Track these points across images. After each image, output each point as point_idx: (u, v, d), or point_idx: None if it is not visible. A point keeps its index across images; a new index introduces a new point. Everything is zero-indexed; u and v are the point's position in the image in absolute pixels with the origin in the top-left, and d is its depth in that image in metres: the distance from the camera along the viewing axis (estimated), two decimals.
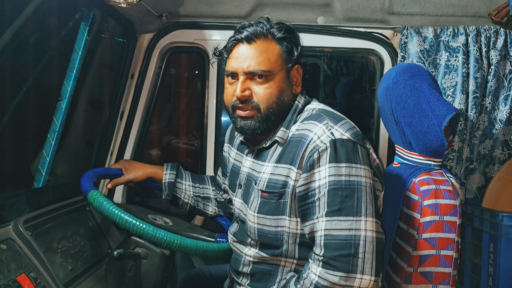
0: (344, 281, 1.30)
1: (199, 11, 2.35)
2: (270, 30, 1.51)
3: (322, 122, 1.42)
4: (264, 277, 1.54)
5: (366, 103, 3.09)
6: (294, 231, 1.46)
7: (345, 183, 1.34)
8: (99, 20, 2.11)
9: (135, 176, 1.99)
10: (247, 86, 1.50)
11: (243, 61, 1.49)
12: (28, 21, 1.74)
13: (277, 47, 1.51)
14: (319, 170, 1.37)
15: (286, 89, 1.53)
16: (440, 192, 1.63)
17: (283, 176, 1.45)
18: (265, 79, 1.49)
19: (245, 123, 1.52)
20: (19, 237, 1.51)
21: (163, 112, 3.27)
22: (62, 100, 2.00)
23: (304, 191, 1.39)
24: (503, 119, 2.28)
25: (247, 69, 1.48)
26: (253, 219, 1.52)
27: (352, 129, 1.43)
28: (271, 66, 1.48)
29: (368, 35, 2.38)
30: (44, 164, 1.98)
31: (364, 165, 1.38)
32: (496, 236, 1.91)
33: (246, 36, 1.49)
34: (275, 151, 1.52)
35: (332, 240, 1.32)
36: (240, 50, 1.51)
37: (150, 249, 1.62)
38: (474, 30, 2.23)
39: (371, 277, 1.31)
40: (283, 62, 1.52)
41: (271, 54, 1.49)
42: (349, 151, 1.36)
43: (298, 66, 1.58)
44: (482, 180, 2.34)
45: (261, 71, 1.47)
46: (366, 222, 1.34)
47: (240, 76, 1.50)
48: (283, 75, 1.52)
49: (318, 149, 1.37)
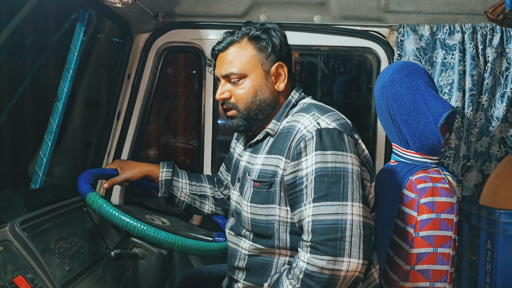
0: (332, 265, 1.31)
1: (195, 10, 2.34)
2: (245, 32, 1.61)
3: (309, 113, 1.49)
4: (259, 271, 1.57)
5: (363, 101, 3.09)
6: (285, 220, 1.50)
7: (331, 169, 1.37)
8: (95, 20, 2.10)
9: (132, 174, 1.99)
10: (227, 89, 1.63)
11: (219, 66, 1.64)
12: (24, 22, 1.73)
13: (250, 48, 1.60)
14: (306, 159, 1.41)
15: (264, 88, 1.60)
16: (437, 190, 1.63)
17: (273, 166, 1.50)
18: (240, 81, 1.60)
19: (231, 122, 1.66)
20: (16, 238, 1.51)
21: (160, 112, 3.27)
22: (58, 100, 1.99)
23: (292, 179, 1.43)
24: (499, 116, 2.28)
25: (223, 73, 1.62)
26: (246, 209, 1.57)
27: (339, 120, 1.47)
28: (243, 68, 1.59)
29: (365, 33, 2.37)
30: (41, 165, 1.97)
31: (350, 153, 1.41)
32: (493, 233, 1.91)
33: (222, 47, 1.63)
34: (267, 143, 1.59)
35: (319, 225, 1.35)
36: (219, 58, 1.65)
37: (147, 249, 1.62)
38: (470, 27, 2.24)
39: (359, 260, 1.33)
40: (258, 62, 1.60)
41: (243, 57, 1.60)
42: (335, 140, 1.41)
43: (281, 63, 1.61)
44: (479, 178, 2.34)
45: (232, 74, 1.59)
46: (352, 206, 1.36)
47: (221, 80, 1.64)
48: (259, 74, 1.60)
49: (304, 138, 1.42)
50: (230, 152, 2.00)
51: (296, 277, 1.37)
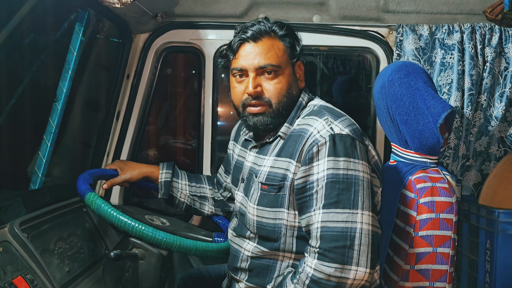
0: (339, 273, 1.31)
1: (194, 10, 2.34)
2: (272, 28, 1.56)
3: (322, 118, 1.46)
4: (262, 272, 1.55)
5: (362, 101, 3.09)
6: (292, 224, 1.48)
7: (343, 176, 1.36)
8: (94, 20, 2.10)
9: (131, 175, 1.99)
10: (258, 83, 1.53)
11: (252, 58, 1.52)
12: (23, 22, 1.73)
13: (280, 43, 1.57)
14: (318, 164, 1.39)
15: (294, 84, 1.59)
16: (436, 189, 1.64)
17: (282, 169, 1.48)
18: (274, 75, 1.53)
19: (257, 119, 1.55)
20: (15, 239, 1.51)
21: (160, 112, 3.27)
22: (57, 101, 1.99)
23: (302, 184, 1.42)
24: (498, 116, 2.28)
25: (257, 65, 1.52)
26: (252, 211, 1.54)
27: (352, 125, 1.46)
28: (279, 61, 1.53)
29: (364, 33, 2.38)
30: (40, 166, 1.97)
31: (362, 160, 1.41)
32: (492, 232, 1.91)
33: (252, 35, 1.54)
34: (277, 145, 1.56)
35: (328, 232, 1.34)
36: (247, 49, 1.54)
37: (147, 250, 1.62)
38: (469, 27, 2.24)
39: (366, 269, 1.33)
40: (288, 58, 1.58)
41: (277, 50, 1.54)
42: (348, 146, 1.39)
43: (300, 62, 1.64)
44: (478, 177, 2.34)
45: (271, 66, 1.52)
46: (362, 215, 1.35)
47: (251, 73, 1.53)
48: (290, 70, 1.58)
49: (317, 143, 1.40)
50: (228, 153, 1.99)
51: (301, 282, 1.37)
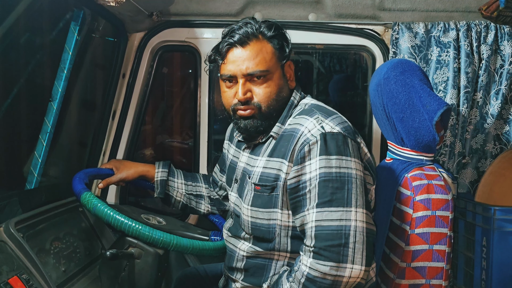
0: (334, 271, 1.31)
1: (190, 9, 2.33)
2: (259, 29, 1.53)
3: (313, 116, 1.45)
4: (258, 272, 1.56)
5: (358, 99, 3.09)
6: (286, 224, 1.48)
7: (336, 175, 1.36)
8: (89, 19, 2.09)
9: (127, 174, 1.98)
10: (248, 88, 1.52)
11: (241, 64, 1.50)
12: (18, 22, 1.72)
13: (269, 45, 1.54)
14: (310, 163, 1.39)
15: (284, 86, 1.57)
16: (432, 187, 1.64)
17: (275, 170, 1.47)
18: (263, 79, 1.51)
19: (247, 122, 1.54)
20: (11, 239, 1.50)
21: (156, 111, 3.26)
22: (53, 100, 1.98)
23: (295, 183, 1.42)
24: (494, 114, 2.28)
25: (246, 71, 1.50)
26: (246, 212, 1.54)
27: (343, 123, 1.45)
28: (268, 65, 1.51)
29: (360, 31, 2.38)
30: (36, 165, 1.96)
31: (354, 158, 1.40)
32: (488, 229, 1.92)
33: (239, 39, 1.50)
34: (269, 146, 1.55)
35: (323, 230, 1.34)
36: (236, 54, 1.52)
37: (143, 249, 1.61)
38: (465, 25, 2.24)
39: (361, 266, 1.33)
40: (277, 60, 1.55)
41: (266, 54, 1.51)
42: (339, 144, 1.39)
43: (290, 62, 1.61)
44: (474, 175, 2.35)
45: (259, 71, 1.50)
46: (356, 213, 1.35)
47: (240, 79, 1.51)
48: (279, 72, 1.56)
49: (308, 142, 1.39)
50: (223, 153, 1.99)
51: (297, 281, 1.37)
